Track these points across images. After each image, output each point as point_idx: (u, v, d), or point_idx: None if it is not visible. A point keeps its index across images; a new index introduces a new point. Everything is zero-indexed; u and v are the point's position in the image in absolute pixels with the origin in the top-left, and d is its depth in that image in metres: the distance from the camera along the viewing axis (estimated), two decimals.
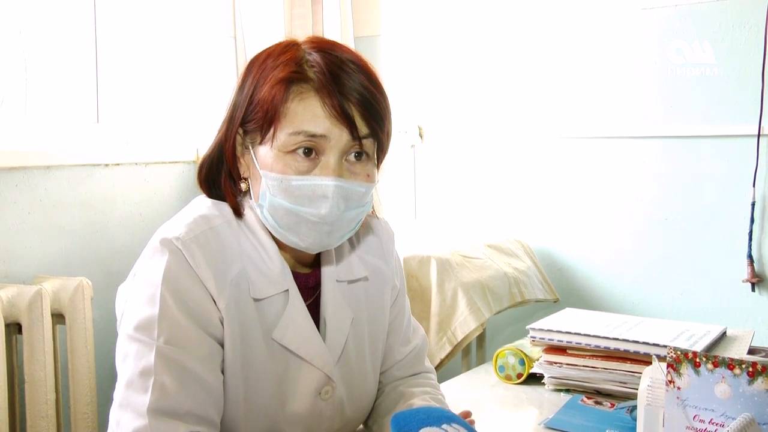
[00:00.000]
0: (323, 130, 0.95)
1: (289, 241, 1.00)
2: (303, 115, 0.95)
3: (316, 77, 0.95)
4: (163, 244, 0.95)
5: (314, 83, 0.95)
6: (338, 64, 0.97)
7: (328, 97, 0.94)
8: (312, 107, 0.95)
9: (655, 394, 0.99)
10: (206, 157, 1.06)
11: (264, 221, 1.01)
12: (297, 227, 0.98)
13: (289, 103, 0.95)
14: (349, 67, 0.97)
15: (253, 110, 0.98)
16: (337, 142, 0.96)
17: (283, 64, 0.97)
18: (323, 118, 0.95)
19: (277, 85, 0.96)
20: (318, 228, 0.97)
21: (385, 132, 1.01)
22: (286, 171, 0.96)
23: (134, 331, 0.93)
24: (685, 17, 2.24)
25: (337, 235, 1.00)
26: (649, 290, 2.37)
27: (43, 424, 1.65)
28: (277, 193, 0.96)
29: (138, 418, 0.89)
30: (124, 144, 2.27)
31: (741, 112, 2.17)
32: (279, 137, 0.96)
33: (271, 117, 0.96)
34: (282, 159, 0.96)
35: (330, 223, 0.97)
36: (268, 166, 0.97)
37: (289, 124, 0.95)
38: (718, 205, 2.23)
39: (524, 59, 2.54)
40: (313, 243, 0.99)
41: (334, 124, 0.95)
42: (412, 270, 2.04)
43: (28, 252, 1.84)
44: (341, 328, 1.07)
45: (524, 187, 2.58)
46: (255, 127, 0.98)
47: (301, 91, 0.95)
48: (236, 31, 2.36)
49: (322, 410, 1.05)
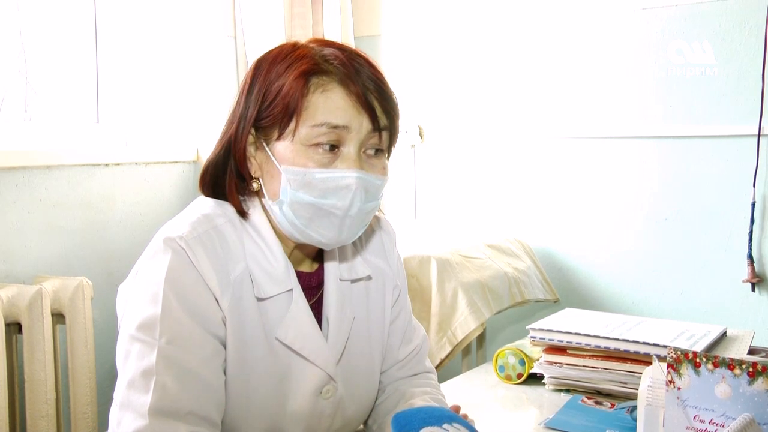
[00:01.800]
0: (345, 121, 0.96)
1: (307, 238, 1.00)
2: (325, 106, 0.96)
3: (337, 69, 0.97)
4: (166, 243, 0.95)
5: (336, 75, 0.97)
6: (354, 58, 0.99)
7: (353, 85, 0.96)
8: (334, 99, 0.96)
9: (655, 394, 0.99)
10: (211, 162, 1.05)
11: (282, 218, 1.00)
12: (319, 221, 0.98)
13: (310, 95, 0.96)
14: (360, 60, 1.00)
15: (269, 106, 0.98)
16: (357, 133, 0.97)
17: (298, 59, 0.98)
18: (346, 109, 0.96)
19: (298, 79, 0.96)
20: (339, 221, 0.98)
21: (398, 122, 1.03)
22: (308, 164, 0.96)
23: (136, 330, 0.93)
24: (685, 17, 2.24)
25: (354, 230, 1.01)
26: (649, 290, 2.37)
27: (43, 424, 1.65)
28: (299, 187, 0.96)
29: (139, 418, 0.89)
30: (124, 144, 2.28)
31: (741, 112, 2.17)
32: (301, 131, 0.96)
33: (292, 110, 0.96)
34: (304, 153, 0.96)
35: (352, 215, 0.98)
36: (289, 161, 0.97)
37: (311, 116, 0.96)
38: (718, 205, 2.23)
39: (524, 59, 2.54)
40: (332, 237, 1.00)
41: (356, 114, 0.96)
42: (412, 270, 2.04)
43: (28, 252, 1.84)
44: (343, 328, 1.07)
45: (524, 187, 2.58)
46: (271, 122, 0.98)
47: (323, 83, 0.97)
48: (236, 31, 2.36)
49: (323, 409, 1.05)
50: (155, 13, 2.28)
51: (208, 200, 1.04)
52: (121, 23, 2.26)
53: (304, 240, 1.01)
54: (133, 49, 2.27)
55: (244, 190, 1.04)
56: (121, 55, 2.27)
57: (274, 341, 1.00)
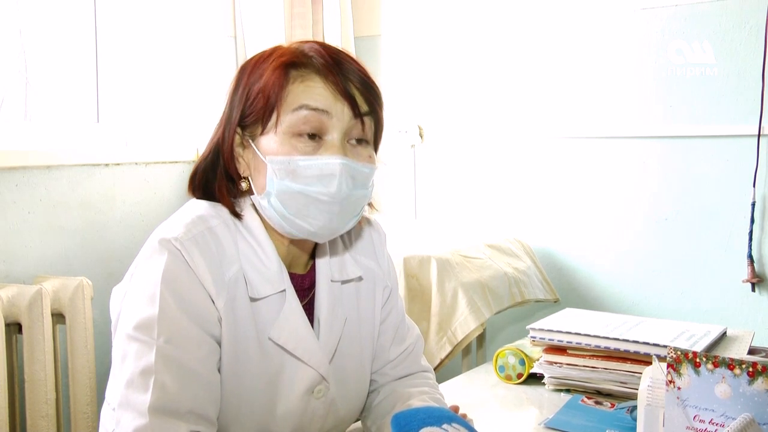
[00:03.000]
0: (325, 106, 0.97)
1: (298, 228, 1.00)
2: (305, 93, 0.98)
3: (316, 61, 0.99)
4: (162, 244, 0.95)
5: (315, 66, 0.98)
6: (336, 52, 1.01)
7: (331, 75, 0.98)
8: (314, 87, 0.98)
9: (655, 394, 0.99)
10: (200, 164, 1.06)
11: (271, 211, 1.00)
12: (306, 210, 0.98)
13: (290, 85, 0.98)
14: (346, 57, 1.02)
15: (252, 102, 1.00)
16: (339, 120, 0.98)
17: (279, 55, 1.00)
18: (325, 96, 0.97)
19: (277, 70, 0.98)
20: (328, 208, 0.98)
21: (382, 113, 1.04)
22: (292, 153, 0.97)
23: (134, 330, 0.93)
24: (685, 17, 2.24)
25: (344, 218, 1.01)
26: (649, 290, 2.37)
27: (43, 424, 1.65)
28: (285, 176, 0.97)
29: (139, 417, 0.89)
30: (124, 144, 2.28)
31: (741, 112, 2.17)
32: (282, 120, 0.97)
33: (273, 102, 0.98)
34: (288, 142, 0.97)
35: (339, 202, 0.98)
36: (273, 151, 0.98)
37: (291, 104, 0.97)
38: (718, 205, 2.23)
39: (524, 59, 2.54)
40: (323, 226, 1.00)
41: (336, 100, 0.98)
42: (412, 270, 2.04)
43: (28, 252, 1.84)
44: (335, 328, 1.08)
45: (524, 187, 2.58)
46: (255, 119, 1.00)
47: (302, 74, 0.98)
48: (236, 31, 2.36)
49: (315, 409, 1.06)
50: (155, 13, 2.28)
51: (202, 202, 1.05)
52: (121, 23, 2.26)
53: (294, 231, 1.01)
54: (133, 49, 2.27)
55: (234, 192, 1.05)
56: (121, 55, 2.27)
57: (267, 341, 1.01)
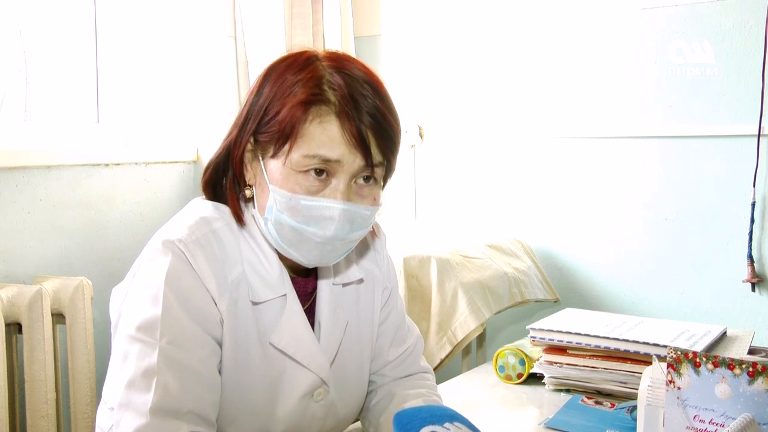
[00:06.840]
0: (338, 155, 0.95)
1: (289, 256, 1.01)
2: (320, 138, 0.94)
3: (336, 101, 0.95)
4: (166, 245, 0.95)
5: (335, 107, 0.95)
6: (357, 88, 0.96)
7: (347, 122, 0.94)
8: (330, 131, 0.94)
9: (655, 394, 0.99)
10: (213, 160, 1.05)
11: (266, 234, 1.01)
12: (300, 245, 0.98)
13: (308, 124, 0.95)
14: (366, 90, 0.97)
15: (268, 123, 0.97)
16: (349, 167, 0.96)
17: (303, 82, 0.96)
18: (340, 144, 0.94)
19: (297, 106, 0.95)
20: (320, 247, 0.98)
21: (395, 160, 1.02)
22: (296, 190, 0.96)
23: (136, 331, 0.93)
24: (685, 17, 2.24)
25: (337, 254, 1.02)
26: (649, 290, 2.37)
27: (43, 424, 1.65)
28: (284, 210, 0.97)
29: (140, 417, 0.89)
30: (124, 144, 2.28)
31: (741, 112, 2.17)
32: (293, 156, 0.95)
33: (287, 134, 0.95)
34: (293, 177, 0.96)
35: (332, 243, 0.98)
36: (278, 182, 0.97)
37: (305, 145, 0.94)
38: (718, 205, 2.23)
39: (524, 59, 2.54)
40: (313, 260, 1.01)
41: (350, 150, 0.95)
42: (412, 270, 2.04)
43: (28, 252, 1.84)
44: (335, 332, 1.08)
45: (524, 187, 2.58)
46: (268, 140, 0.98)
47: (321, 114, 0.95)
48: (236, 31, 2.36)
49: (314, 412, 1.06)
50: (155, 14, 2.28)
51: (206, 203, 1.05)
52: (121, 23, 2.26)
53: (287, 256, 1.02)
54: (133, 49, 2.27)
55: (240, 195, 1.05)
56: (121, 56, 2.27)
57: (268, 345, 1.01)
